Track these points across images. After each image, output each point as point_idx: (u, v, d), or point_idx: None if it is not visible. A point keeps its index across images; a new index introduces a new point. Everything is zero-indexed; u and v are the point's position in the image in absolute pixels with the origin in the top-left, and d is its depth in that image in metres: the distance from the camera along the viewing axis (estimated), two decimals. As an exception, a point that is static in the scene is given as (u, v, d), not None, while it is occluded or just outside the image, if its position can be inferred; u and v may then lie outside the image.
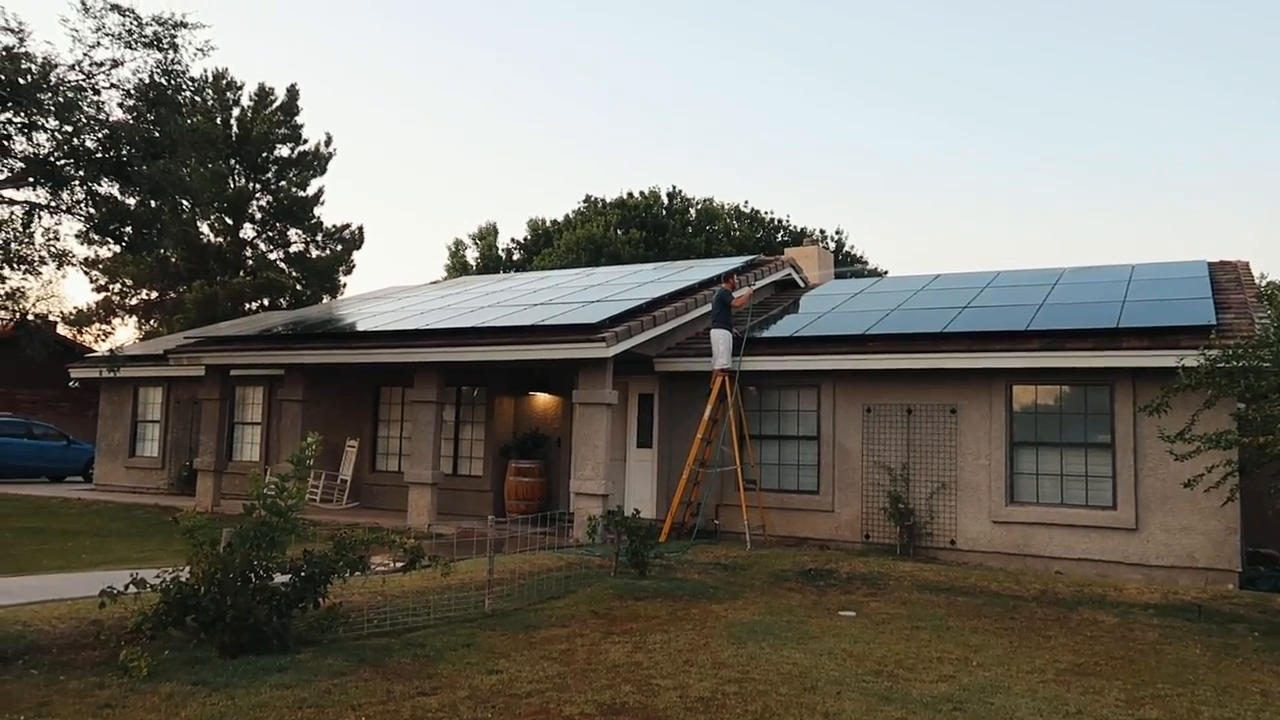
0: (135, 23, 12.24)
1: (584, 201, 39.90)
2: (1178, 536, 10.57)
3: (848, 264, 37.27)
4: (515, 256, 40.94)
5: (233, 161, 33.68)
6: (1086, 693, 5.91)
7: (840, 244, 40.03)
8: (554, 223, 39.79)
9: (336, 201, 76.62)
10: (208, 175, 28.35)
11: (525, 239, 40.77)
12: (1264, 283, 20.65)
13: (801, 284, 17.82)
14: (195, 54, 12.80)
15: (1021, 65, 73.21)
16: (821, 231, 39.91)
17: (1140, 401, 10.54)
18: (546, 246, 38.01)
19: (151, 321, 34.45)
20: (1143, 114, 73.10)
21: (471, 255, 42.96)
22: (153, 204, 13.21)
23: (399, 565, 7.41)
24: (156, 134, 12.64)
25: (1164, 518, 10.65)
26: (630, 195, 38.91)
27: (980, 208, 74.42)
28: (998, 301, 13.32)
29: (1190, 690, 6.04)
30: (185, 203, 14.11)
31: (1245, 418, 8.34)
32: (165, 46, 12.46)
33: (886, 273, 35.82)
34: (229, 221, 34.19)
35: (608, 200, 39.12)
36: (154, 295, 34.72)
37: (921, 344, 12.07)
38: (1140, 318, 11.32)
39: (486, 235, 43.06)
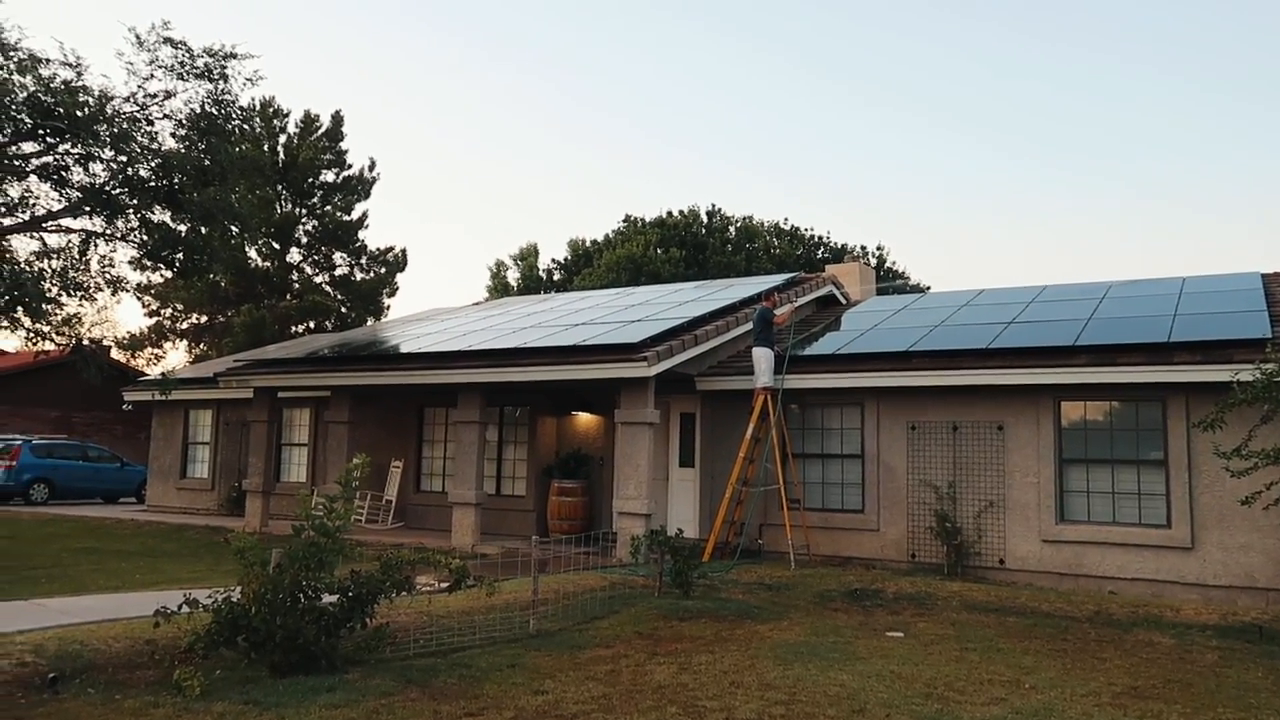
0: (187, 54, 12.62)
1: (624, 221, 40.11)
2: (1236, 555, 10.30)
3: (889, 280, 36.97)
4: (556, 277, 41.21)
5: (279, 187, 34.44)
6: (1144, 716, 5.77)
7: (881, 260, 39.75)
8: (594, 243, 40.01)
9: (380, 224, 77.93)
10: (255, 201, 28.96)
11: (566, 259, 41.04)
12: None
13: (843, 301, 17.72)
14: (244, 84, 13.19)
15: (1063, 83, 72.46)
16: (862, 248, 39.71)
17: (1194, 417, 10.30)
18: (587, 266, 38.20)
19: (201, 345, 35.25)
20: (1189, 133, 71.92)
21: (513, 276, 43.36)
22: (203, 230, 13.57)
23: (444, 585, 7.45)
24: (207, 162, 12.99)
25: (1221, 536, 10.39)
26: (669, 214, 39.03)
27: (1023, 224, 73.61)
28: (1044, 316, 13.13)
29: (1253, 715, 5.87)
30: (234, 229, 14.43)
31: (1305, 433, 8.14)
32: (216, 77, 12.82)
33: (929, 289, 35.54)
34: (276, 246, 34.92)
35: (647, 219, 39.27)
36: (204, 319, 35.57)
37: (966, 360, 11.93)
38: (1192, 331, 11.09)
39: (527, 256, 43.46)
